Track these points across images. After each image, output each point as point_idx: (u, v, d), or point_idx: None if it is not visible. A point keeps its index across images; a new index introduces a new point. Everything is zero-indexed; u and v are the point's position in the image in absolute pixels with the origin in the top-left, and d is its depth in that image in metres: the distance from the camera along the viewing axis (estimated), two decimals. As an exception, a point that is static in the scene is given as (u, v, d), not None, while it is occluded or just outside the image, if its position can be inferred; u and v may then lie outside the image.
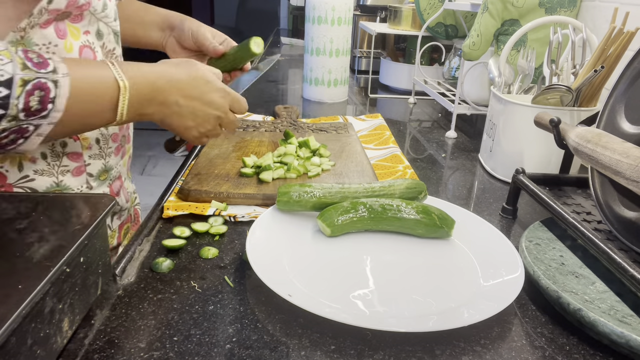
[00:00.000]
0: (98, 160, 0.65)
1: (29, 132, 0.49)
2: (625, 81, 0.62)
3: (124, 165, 0.73)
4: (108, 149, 0.67)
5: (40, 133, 0.50)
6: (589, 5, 1.05)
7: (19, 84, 0.45)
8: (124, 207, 0.76)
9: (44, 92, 0.47)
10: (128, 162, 0.76)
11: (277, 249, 0.59)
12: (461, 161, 1.00)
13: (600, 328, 0.45)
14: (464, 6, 1.21)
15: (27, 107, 0.46)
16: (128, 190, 0.78)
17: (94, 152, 0.64)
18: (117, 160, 0.70)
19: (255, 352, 0.45)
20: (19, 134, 0.48)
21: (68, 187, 0.62)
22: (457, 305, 0.51)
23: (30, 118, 0.47)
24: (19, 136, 0.48)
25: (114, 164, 0.69)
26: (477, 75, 1.21)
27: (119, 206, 0.74)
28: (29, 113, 0.47)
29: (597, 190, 0.60)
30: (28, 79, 0.46)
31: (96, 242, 0.46)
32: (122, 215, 0.77)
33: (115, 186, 0.71)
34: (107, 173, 0.68)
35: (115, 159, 0.69)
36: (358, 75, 1.91)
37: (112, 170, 0.69)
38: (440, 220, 0.63)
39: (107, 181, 0.68)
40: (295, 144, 0.90)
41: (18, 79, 0.45)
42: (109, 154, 0.67)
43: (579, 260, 0.58)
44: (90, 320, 0.47)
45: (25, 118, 0.47)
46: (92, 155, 0.64)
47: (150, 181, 3.28)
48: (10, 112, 0.45)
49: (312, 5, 1.34)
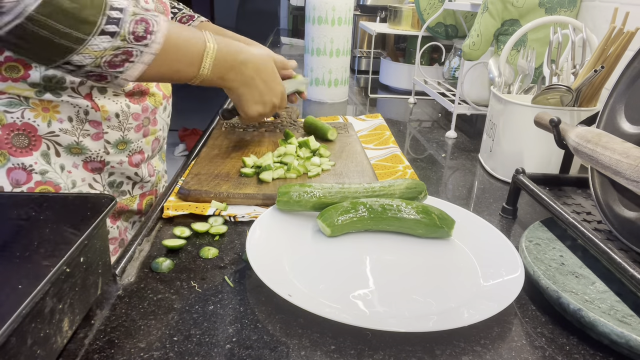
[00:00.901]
0: (116, 131, 0.74)
1: (135, 57, 0.59)
2: (625, 81, 0.62)
3: (147, 144, 0.81)
4: (128, 124, 0.76)
5: (143, 61, 0.60)
6: (589, 5, 1.05)
7: (130, 13, 0.57)
8: (145, 179, 0.84)
9: (147, 24, 0.59)
10: (154, 144, 0.84)
11: (277, 249, 0.59)
12: (461, 161, 1.00)
13: (600, 328, 0.45)
14: (464, 6, 1.21)
15: (134, 31, 0.57)
16: (156, 169, 0.88)
17: (112, 123, 0.73)
18: (138, 137, 0.78)
19: (255, 352, 0.45)
20: (128, 56, 0.58)
21: (87, 148, 0.72)
22: (457, 305, 0.51)
23: (136, 42, 0.58)
24: (127, 58, 0.58)
25: (134, 139, 0.78)
26: (477, 75, 1.21)
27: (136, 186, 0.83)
28: (136, 37, 0.58)
29: (597, 190, 0.60)
30: (137, 13, 0.58)
31: (96, 242, 0.46)
32: (145, 186, 0.85)
33: (135, 159, 0.80)
34: (125, 144, 0.77)
35: (136, 135, 0.78)
36: (358, 75, 1.91)
37: (131, 144, 0.78)
38: (440, 220, 0.63)
39: (125, 151, 0.77)
40: (295, 144, 0.90)
41: (130, 10, 0.57)
42: (128, 128, 0.76)
43: (579, 260, 0.58)
44: (90, 320, 0.47)
45: (133, 41, 0.58)
46: (111, 126, 0.74)
47: (150, 181, 3.27)
48: (122, 32, 0.56)
49: (312, 5, 1.34)
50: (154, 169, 0.87)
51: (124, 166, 0.78)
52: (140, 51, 0.59)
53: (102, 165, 0.75)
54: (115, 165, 0.76)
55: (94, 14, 0.54)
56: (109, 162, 0.75)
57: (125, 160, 0.77)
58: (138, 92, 0.76)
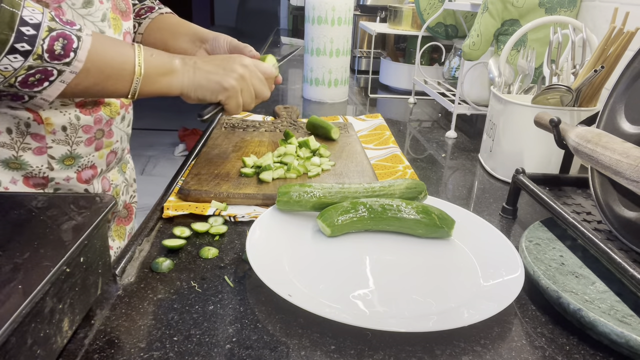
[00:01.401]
0: (63, 146, 0.67)
1: (54, 76, 0.55)
2: (625, 81, 0.62)
3: (100, 158, 0.74)
4: (77, 137, 0.68)
5: (63, 80, 0.56)
6: (589, 5, 1.05)
7: (46, 29, 0.53)
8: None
9: (67, 41, 0.55)
10: (110, 157, 0.76)
11: (277, 249, 0.59)
12: (461, 161, 1.00)
13: (600, 328, 0.45)
14: (464, 6, 1.21)
15: (51, 49, 0.53)
16: (113, 182, 0.79)
17: (58, 137, 0.66)
18: (89, 151, 0.71)
19: (255, 352, 0.45)
20: (45, 75, 0.55)
21: (27, 163, 0.65)
22: (457, 305, 0.51)
23: (54, 62, 0.54)
24: (45, 78, 0.55)
25: (83, 153, 0.70)
26: (477, 75, 1.21)
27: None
28: (53, 56, 0.54)
29: (597, 190, 0.60)
30: (54, 28, 0.54)
31: (96, 242, 0.46)
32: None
33: (86, 174, 0.72)
34: (73, 160, 0.69)
35: (87, 149, 0.70)
36: (358, 75, 1.91)
37: (80, 159, 0.70)
38: (440, 220, 0.63)
39: (73, 167, 0.70)
40: (295, 144, 0.90)
41: (45, 25, 0.53)
42: (77, 142, 0.68)
43: (579, 260, 0.58)
44: (90, 320, 0.47)
45: (50, 60, 0.54)
46: (57, 140, 0.66)
47: (150, 181, 3.28)
48: (36, 50, 0.52)
49: (312, 5, 1.34)
50: (110, 183, 0.79)
51: (72, 182, 0.70)
52: (59, 70, 0.55)
53: (45, 181, 0.67)
54: (61, 182, 0.69)
55: (2, 30, 0.50)
56: (53, 178, 0.68)
57: (73, 176, 0.70)
58: (91, 102, 0.69)
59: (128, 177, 0.86)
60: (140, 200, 0.90)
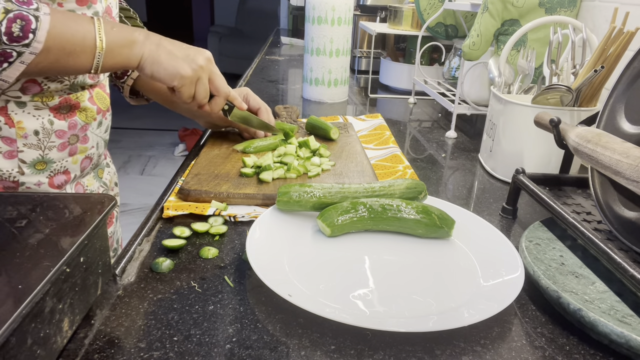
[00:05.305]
0: (34, 150, 0.67)
1: (13, 58, 0.55)
2: (625, 81, 0.62)
3: (74, 163, 0.73)
4: (49, 142, 0.68)
5: (23, 61, 0.55)
6: (589, 5, 1.05)
7: (2, 11, 0.52)
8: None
9: (25, 22, 0.54)
10: (85, 162, 0.76)
11: (277, 249, 0.59)
12: (461, 161, 1.00)
13: (600, 328, 0.45)
14: (464, 6, 1.21)
15: (9, 32, 0.53)
16: (88, 188, 0.79)
17: (30, 141, 0.66)
18: (62, 156, 0.70)
19: (255, 352, 0.45)
20: (3, 57, 0.54)
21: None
22: (457, 305, 0.51)
23: (13, 44, 0.54)
24: (3, 59, 0.54)
25: (56, 158, 0.70)
26: (477, 75, 1.21)
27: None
28: (11, 38, 0.53)
29: (597, 190, 0.60)
30: (10, 9, 0.53)
31: (96, 242, 0.46)
32: None
33: (58, 179, 0.71)
34: (45, 164, 0.69)
35: (60, 154, 0.70)
36: (358, 75, 1.91)
37: (53, 164, 0.69)
38: (440, 220, 0.63)
39: (45, 172, 0.69)
40: (295, 144, 0.90)
41: (1, 7, 0.52)
42: (49, 147, 0.68)
43: (579, 260, 0.58)
44: (90, 320, 0.47)
45: (9, 43, 0.53)
46: (28, 144, 0.66)
47: (150, 181, 3.28)
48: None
49: (312, 5, 1.34)
50: (85, 189, 0.78)
51: (43, 188, 0.69)
52: (19, 52, 0.54)
53: (15, 185, 0.67)
54: (32, 187, 0.68)
55: None
56: (24, 182, 0.67)
57: (44, 181, 0.69)
58: (66, 107, 0.69)
59: (107, 182, 0.85)
60: (140, 200, 0.90)
